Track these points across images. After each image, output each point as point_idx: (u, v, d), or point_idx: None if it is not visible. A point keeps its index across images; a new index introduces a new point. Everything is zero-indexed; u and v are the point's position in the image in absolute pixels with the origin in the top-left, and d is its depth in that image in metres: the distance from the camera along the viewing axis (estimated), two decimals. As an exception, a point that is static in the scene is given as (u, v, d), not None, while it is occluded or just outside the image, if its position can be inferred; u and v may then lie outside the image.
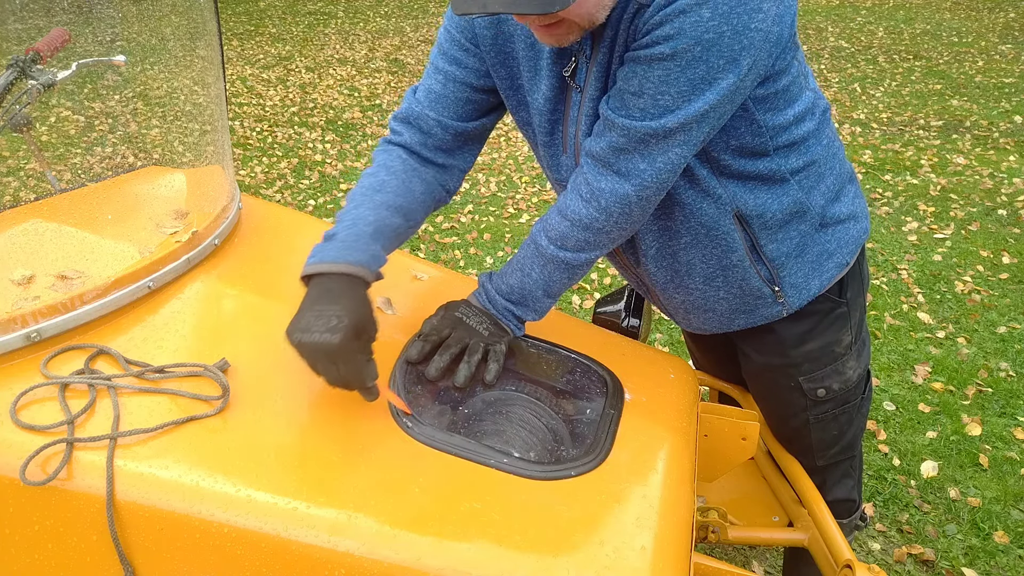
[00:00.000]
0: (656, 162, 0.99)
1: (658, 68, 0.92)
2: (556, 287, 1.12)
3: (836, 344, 1.26)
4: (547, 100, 1.09)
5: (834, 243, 1.19)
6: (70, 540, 0.86)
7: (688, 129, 0.96)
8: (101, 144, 5.01)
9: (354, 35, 8.61)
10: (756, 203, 1.11)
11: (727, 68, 0.91)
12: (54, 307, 1.01)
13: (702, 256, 1.17)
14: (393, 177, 1.12)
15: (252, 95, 6.34)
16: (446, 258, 3.65)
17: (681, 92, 0.93)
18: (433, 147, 1.16)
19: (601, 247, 1.09)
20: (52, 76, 1.48)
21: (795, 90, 1.05)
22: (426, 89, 1.15)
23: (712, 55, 0.90)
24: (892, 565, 1.98)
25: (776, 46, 0.95)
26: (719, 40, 0.89)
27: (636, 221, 1.06)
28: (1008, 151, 4.85)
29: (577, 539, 0.86)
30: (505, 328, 1.12)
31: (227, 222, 1.30)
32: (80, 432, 0.89)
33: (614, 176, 1.01)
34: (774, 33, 0.92)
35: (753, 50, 0.91)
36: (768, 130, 1.05)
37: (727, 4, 0.87)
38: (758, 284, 1.19)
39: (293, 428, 0.95)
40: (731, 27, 0.88)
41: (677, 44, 0.89)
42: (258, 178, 4.66)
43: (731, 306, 1.24)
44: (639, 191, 1.01)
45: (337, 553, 0.81)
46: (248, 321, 1.13)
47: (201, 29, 1.46)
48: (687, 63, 0.90)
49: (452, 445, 0.95)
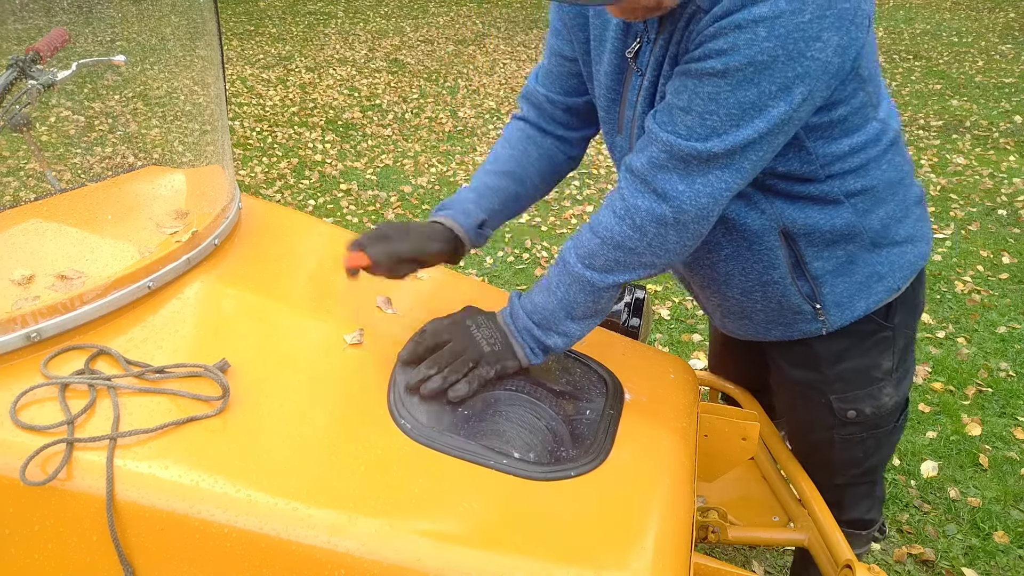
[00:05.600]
0: (695, 185, 0.93)
1: (708, 84, 0.88)
2: (579, 310, 1.05)
3: (875, 368, 1.20)
4: (607, 75, 1.08)
5: (886, 265, 1.13)
6: (70, 540, 0.86)
7: (733, 156, 0.91)
8: (101, 144, 5.01)
9: (354, 35, 8.61)
10: (805, 221, 1.06)
11: (779, 96, 0.87)
12: (54, 307, 1.01)
13: (742, 269, 1.13)
14: (507, 147, 1.21)
15: (252, 95, 6.34)
16: (446, 258, 3.65)
17: (730, 114, 0.88)
18: (548, 119, 1.20)
19: (630, 270, 1.02)
20: (52, 76, 1.48)
21: (856, 121, 0.99)
22: (539, 65, 1.22)
23: (764, 79, 0.86)
24: (892, 565, 1.98)
25: (835, 77, 0.90)
26: (772, 64, 0.85)
27: (672, 249, 0.99)
28: (1008, 151, 4.85)
29: (577, 539, 0.86)
30: (515, 354, 1.07)
31: (227, 222, 1.30)
32: (80, 432, 0.89)
33: (651, 195, 0.95)
34: (834, 64, 0.87)
35: (809, 80, 0.87)
36: (819, 158, 1.01)
37: (785, 27, 0.83)
38: (798, 300, 1.14)
39: (293, 428, 0.95)
40: (786, 52, 0.84)
41: (729, 61, 0.86)
42: (258, 178, 4.66)
43: (768, 317, 1.19)
44: (676, 214, 0.95)
45: (337, 554, 0.81)
46: (248, 321, 1.13)
47: (201, 29, 1.46)
48: (738, 83, 0.87)
49: (452, 446, 0.95)
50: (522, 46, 8.01)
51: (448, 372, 1.03)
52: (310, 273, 1.32)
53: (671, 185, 0.93)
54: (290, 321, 1.14)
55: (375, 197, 4.34)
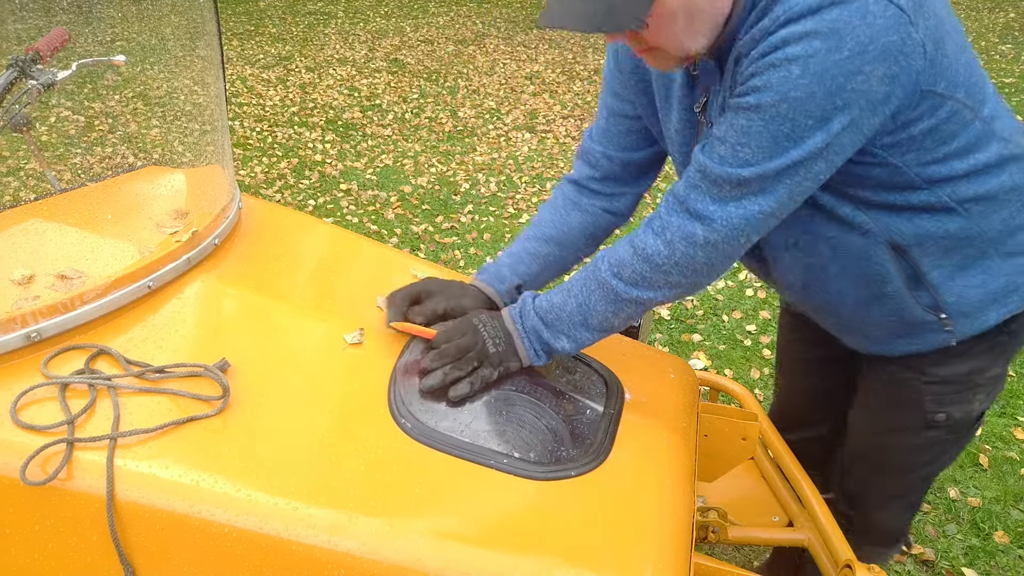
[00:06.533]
0: (727, 207, 0.93)
1: (743, 117, 0.89)
2: (595, 319, 1.04)
3: (980, 373, 1.15)
4: (679, 132, 1.09)
5: (1022, 276, 1.07)
6: (70, 540, 0.86)
7: (765, 182, 0.91)
8: (101, 144, 5.01)
9: (354, 35, 8.61)
10: (914, 231, 1.01)
11: (816, 127, 0.86)
12: (54, 307, 1.01)
13: (854, 285, 1.09)
14: (550, 211, 1.24)
15: (252, 95, 6.34)
16: (446, 258, 3.65)
17: (762, 147, 0.88)
18: (601, 178, 1.21)
19: (656, 289, 1.01)
20: (52, 76, 1.48)
21: (950, 128, 0.94)
22: (595, 124, 1.23)
23: (799, 114, 0.85)
24: (892, 565, 1.98)
25: (884, 105, 0.87)
26: (808, 100, 0.84)
27: (700, 270, 0.98)
28: (1008, 151, 4.84)
29: (577, 539, 0.86)
30: (518, 354, 1.07)
31: (227, 222, 1.30)
32: (80, 432, 0.89)
33: (685, 214, 0.96)
34: (880, 93, 0.85)
35: (850, 110, 0.85)
36: (911, 169, 0.97)
37: (821, 64, 0.82)
38: (920, 312, 1.08)
39: (293, 428, 0.95)
40: (823, 88, 0.83)
41: (763, 97, 0.86)
42: (258, 178, 4.66)
43: (890, 332, 1.14)
44: (707, 234, 0.94)
45: (337, 553, 0.81)
46: (248, 321, 1.13)
47: (201, 29, 1.46)
48: (771, 118, 0.87)
49: (452, 446, 0.95)
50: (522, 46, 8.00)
51: (451, 368, 1.04)
52: (310, 273, 1.32)
53: (703, 205, 0.94)
54: (290, 321, 1.14)
55: (375, 197, 4.34)
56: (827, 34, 0.81)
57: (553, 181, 4.57)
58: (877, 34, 0.81)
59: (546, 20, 0.89)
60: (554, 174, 4.67)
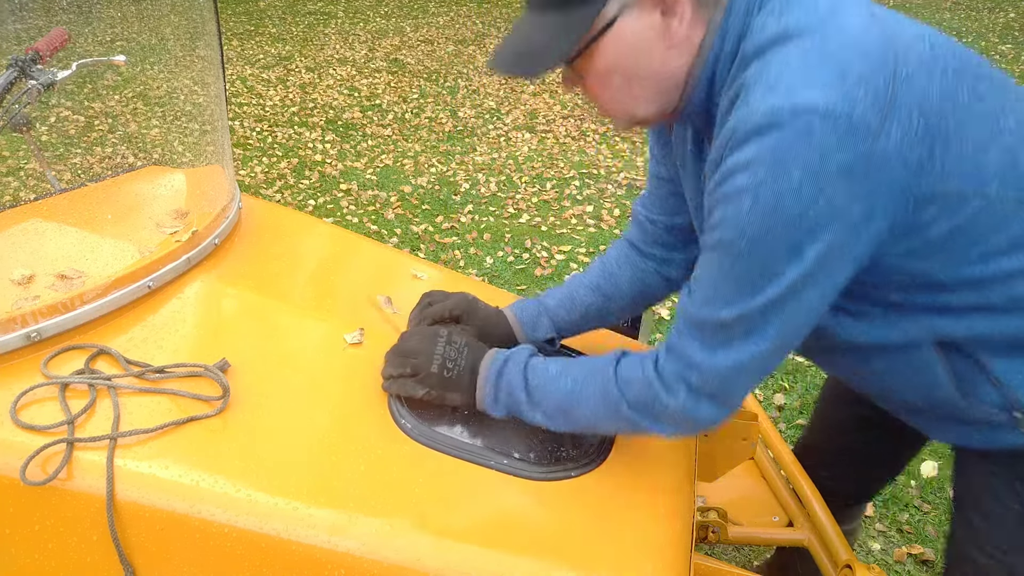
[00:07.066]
0: (716, 355, 0.83)
1: (711, 253, 0.82)
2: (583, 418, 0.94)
3: None
4: (691, 191, 1.04)
5: None
6: (70, 540, 0.86)
7: (750, 321, 0.81)
8: (101, 144, 5.01)
9: (354, 35, 8.60)
10: (966, 332, 0.88)
11: (787, 260, 0.77)
12: (54, 307, 1.01)
13: (902, 385, 0.98)
14: (602, 263, 1.22)
15: (252, 95, 6.34)
16: (446, 258, 3.65)
17: (736, 287, 0.80)
18: (650, 242, 1.18)
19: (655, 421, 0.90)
20: (52, 76, 1.48)
21: (984, 225, 0.82)
22: (644, 189, 1.21)
23: (763, 249, 0.77)
24: (892, 565, 1.98)
25: (868, 223, 0.77)
26: (768, 234, 0.76)
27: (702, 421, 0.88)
28: (1008, 151, 4.84)
29: (577, 540, 0.86)
30: (470, 393, 1.00)
31: (227, 222, 1.30)
32: (80, 432, 0.89)
33: (678, 362, 0.87)
34: (856, 213, 0.75)
35: (822, 237, 0.76)
36: (939, 272, 0.85)
37: (772, 194, 0.73)
38: (985, 411, 0.94)
39: (293, 429, 0.95)
40: (780, 220, 0.74)
41: (723, 235, 0.79)
42: (258, 178, 4.66)
43: (958, 431, 1.01)
44: (701, 384, 0.85)
45: (337, 553, 0.82)
46: (248, 321, 1.13)
47: (201, 29, 1.46)
48: (736, 256, 0.79)
49: (452, 446, 0.95)
50: (522, 46, 8.00)
51: (388, 365, 1.02)
52: (310, 273, 1.32)
53: (692, 352, 0.85)
54: (290, 321, 1.14)
55: (375, 197, 4.34)
56: (771, 162, 0.73)
57: (553, 181, 4.57)
58: (828, 153, 0.72)
59: (492, 66, 0.88)
60: (554, 174, 4.67)
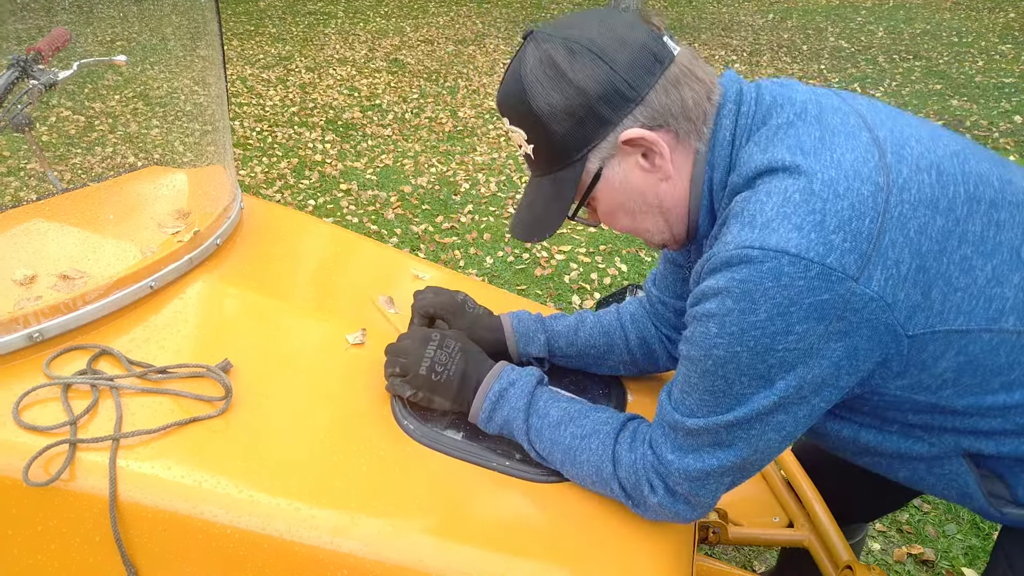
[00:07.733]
0: (686, 458, 0.83)
1: (684, 362, 0.83)
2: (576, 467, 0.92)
3: None
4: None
5: None
6: (73, 541, 0.86)
7: (717, 435, 0.81)
8: (102, 144, 5.01)
9: (354, 35, 8.60)
10: (994, 449, 0.85)
11: (756, 386, 0.77)
12: (56, 307, 1.01)
13: (930, 488, 0.94)
14: (617, 312, 1.19)
15: (252, 95, 6.34)
16: (446, 258, 3.65)
17: (703, 400, 0.81)
18: (660, 319, 1.17)
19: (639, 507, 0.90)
20: (53, 76, 1.48)
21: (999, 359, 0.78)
22: (655, 269, 1.19)
23: (728, 372, 0.77)
24: (892, 565, 1.98)
25: (851, 360, 0.75)
26: (733, 359, 0.76)
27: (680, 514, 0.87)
28: (1008, 151, 4.85)
29: (579, 541, 0.86)
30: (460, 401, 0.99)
31: (229, 222, 1.30)
32: (83, 433, 0.89)
33: (655, 458, 0.87)
34: (836, 351, 0.74)
35: (795, 371, 0.75)
36: (953, 402, 0.82)
37: (738, 325, 0.74)
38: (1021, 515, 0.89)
39: (296, 429, 0.95)
40: (747, 348, 0.75)
41: (691, 350, 0.80)
42: (258, 178, 4.66)
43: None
44: (672, 484, 0.85)
45: (339, 554, 0.82)
46: (250, 321, 1.13)
47: (202, 29, 1.46)
48: (703, 373, 0.79)
49: (454, 447, 0.95)
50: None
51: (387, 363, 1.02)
52: (312, 273, 1.32)
53: (665, 451, 0.86)
54: (292, 321, 1.14)
55: (375, 197, 4.34)
56: (739, 295, 0.74)
57: (553, 181, 4.56)
58: (799, 295, 0.72)
59: (510, 234, 0.90)
60: (554, 174, 4.67)
